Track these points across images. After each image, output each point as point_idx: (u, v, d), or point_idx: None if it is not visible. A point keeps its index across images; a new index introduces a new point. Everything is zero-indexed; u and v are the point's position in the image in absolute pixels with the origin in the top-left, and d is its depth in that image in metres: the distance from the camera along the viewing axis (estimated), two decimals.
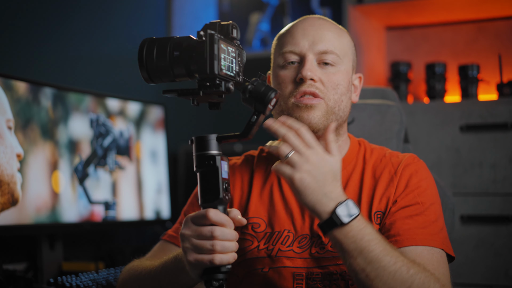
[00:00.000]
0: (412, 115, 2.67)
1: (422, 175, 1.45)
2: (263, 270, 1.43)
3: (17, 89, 2.02)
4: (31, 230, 2.05)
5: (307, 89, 1.41)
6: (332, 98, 1.43)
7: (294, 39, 1.46)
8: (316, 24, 1.47)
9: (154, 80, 1.22)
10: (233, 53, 1.19)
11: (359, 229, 1.22)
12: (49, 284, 1.98)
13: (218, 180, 1.18)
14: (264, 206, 1.48)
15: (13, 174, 1.95)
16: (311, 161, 1.20)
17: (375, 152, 1.52)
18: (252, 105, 1.23)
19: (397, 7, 2.88)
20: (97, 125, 2.31)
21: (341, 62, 1.45)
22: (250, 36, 3.22)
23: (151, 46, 1.20)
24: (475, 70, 2.80)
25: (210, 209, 1.18)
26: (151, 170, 2.56)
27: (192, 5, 3.31)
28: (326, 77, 1.43)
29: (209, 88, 1.16)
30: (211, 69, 1.13)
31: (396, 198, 1.41)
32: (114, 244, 2.75)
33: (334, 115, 1.43)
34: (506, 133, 2.55)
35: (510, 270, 2.52)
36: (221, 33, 1.18)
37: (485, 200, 2.57)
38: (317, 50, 1.44)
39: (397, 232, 1.36)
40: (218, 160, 1.19)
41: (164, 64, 1.18)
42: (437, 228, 1.39)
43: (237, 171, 1.55)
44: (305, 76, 1.41)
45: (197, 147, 1.21)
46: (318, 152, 1.22)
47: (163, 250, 1.51)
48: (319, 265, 1.41)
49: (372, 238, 1.23)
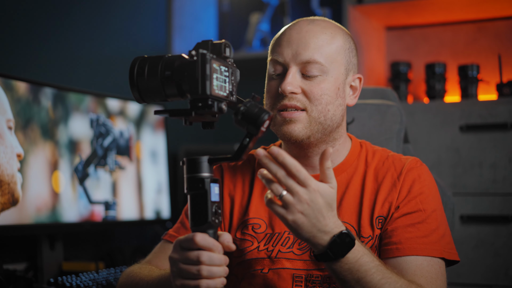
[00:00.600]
0: (412, 115, 2.68)
1: (425, 180, 1.44)
2: (262, 271, 1.43)
3: (18, 89, 2.02)
4: (31, 230, 2.05)
5: (288, 103, 1.39)
6: (315, 109, 1.40)
7: (280, 47, 1.43)
8: (303, 31, 1.43)
9: (145, 99, 1.19)
10: (226, 72, 1.17)
11: (355, 260, 1.20)
12: (49, 284, 1.98)
13: (207, 204, 1.15)
14: (265, 207, 1.47)
15: (14, 174, 1.96)
16: (304, 201, 1.14)
17: (377, 154, 1.50)
18: (245, 127, 1.19)
19: (397, 7, 2.88)
20: (97, 125, 2.31)
21: (327, 70, 1.41)
22: (250, 36, 3.22)
23: (142, 65, 1.17)
24: (475, 70, 2.80)
25: (198, 234, 1.14)
26: (151, 170, 2.56)
27: (192, 5, 3.31)
28: (309, 87, 1.40)
29: (201, 108, 1.13)
30: (203, 89, 1.11)
31: (398, 204, 1.41)
32: (114, 244, 2.75)
33: (320, 125, 1.41)
34: (506, 133, 2.55)
35: (510, 270, 2.52)
36: (213, 52, 1.15)
37: (485, 200, 2.57)
38: (300, 60, 1.40)
39: (399, 240, 1.36)
40: (208, 183, 1.16)
41: (155, 83, 1.15)
42: (438, 235, 1.39)
43: (238, 171, 1.54)
44: (284, 90, 1.39)
45: (188, 169, 1.17)
46: (312, 189, 1.15)
47: (164, 251, 1.50)
48: (319, 267, 1.41)
49: (369, 268, 1.21)
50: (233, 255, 1.47)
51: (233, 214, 1.50)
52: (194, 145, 3.10)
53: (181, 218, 1.54)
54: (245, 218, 1.48)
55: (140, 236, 2.92)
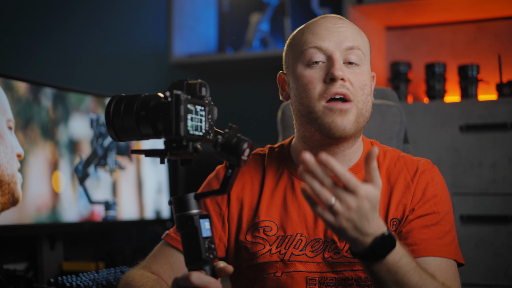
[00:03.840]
0: (412, 115, 2.68)
1: (438, 183, 1.44)
2: (275, 275, 1.41)
3: (18, 89, 2.02)
4: (31, 230, 2.05)
5: (339, 90, 1.36)
6: (360, 99, 1.38)
7: (318, 35, 1.40)
8: (338, 23, 1.42)
9: (121, 138, 1.17)
10: (202, 111, 1.15)
11: (395, 262, 1.18)
12: (49, 284, 1.98)
13: (199, 241, 1.14)
14: (276, 208, 1.45)
15: (14, 174, 1.96)
16: (352, 208, 1.11)
17: (388, 154, 1.49)
18: (225, 158, 1.17)
19: (397, 7, 2.89)
20: (97, 125, 2.31)
21: (365, 60, 1.41)
22: (250, 36, 3.22)
23: (118, 103, 1.16)
24: (475, 70, 2.80)
25: (193, 273, 1.12)
26: (151, 170, 2.56)
27: (192, 5, 3.31)
28: (354, 77, 1.38)
29: (175, 149, 1.12)
30: (177, 130, 1.10)
31: (413, 207, 1.40)
32: (114, 244, 2.75)
33: (363, 117, 1.39)
34: (505, 133, 2.56)
35: (510, 270, 2.52)
36: (189, 92, 1.14)
37: (485, 200, 2.58)
38: (344, 46, 1.39)
39: (414, 242, 1.36)
40: (197, 220, 1.15)
41: (131, 123, 1.14)
42: (451, 237, 1.39)
43: (246, 173, 1.51)
44: (337, 75, 1.35)
45: (175, 208, 1.17)
46: (361, 196, 1.11)
47: (164, 255, 1.48)
48: (333, 270, 1.39)
49: (407, 270, 1.19)
50: (244, 258, 1.45)
51: (242, 217, 1.48)
52: None
53: None
54: (256, 221, 1.45)
55: (140, 236, 2.92)
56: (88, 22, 2.83)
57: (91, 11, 2.87)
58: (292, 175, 1.47)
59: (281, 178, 1.48)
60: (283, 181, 1.48)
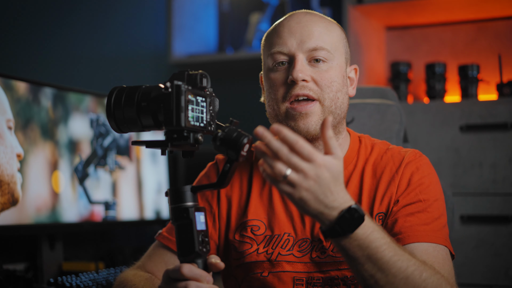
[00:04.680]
0: (412, 115, 2.68)
1: (425, 171, 1.42)
2: (262, 275, 1.41)
3: (17, 89, 2.02)
4: (31, 230, 2.05)
5: (300, 92, 1.37)
6: (327, 97, 1.38)
7: (282, 38, 1.40)
8: (303, 21, 1.41)
9: (122, 129, 1.18)
10: (203, 102, 1.15)
11: (365, 236, 1.14)
12: (49, 284, 1.98)
13: (193, 234, 1.14)
14: (264, 207, 1.45)
15: (13, 174, 1.96)
16: (310, 177, 1.08)
17: (376, 148, 1.48)
18: (225, 152, 1.17)
19: (397, 7, 2.88)
20: (97, 125, 2.31)
21: (333, 57, 1.40)
22: (250, 36, 3.22)
23: (119, 95, 1.17)
24: (475, 70, 2.80)
25: (185, 265, 1.12)
26: (151, 170, 2.56)
27: (192, 5, 3.31)
28: (319, 75, 1.38)
29: (176, 140, 1.12)
30: (177, 121, 1.10)
31: (398, 198, 1.38)
32: (114, 244, 2.75)
33: (332, 114, 1.38)
34: (506, 133, 2.55)
35: (510, 270, 2.52)
36: (189, 83, 1.14)
37: (485, 200, 2.57)
38: (306, 48, 1.39)
39: (399, 230, 1.33)
40: (192, 212, 1.15)
41: (132, 114, 1.15)
42: (440, 225, 1.36)
43: (236, 172, 1.51)
44: (296, 77, 1.36)
45: (171, 199, 1.17)
46: (318, 164, 1.08)
47: (157, 254, 1.48)
48: (320, 269, 1.39)
49: (380, 244, 1.16)
50: (232, 257, 1.45)
51: (230, 215, 1.48)
52: None
53: None
54: (244, 220, 1.46)
55: (140, 236, 2.92)
56: (88, 22, 2.83)
57: (91, 11, 2.87)
58: None
59: None
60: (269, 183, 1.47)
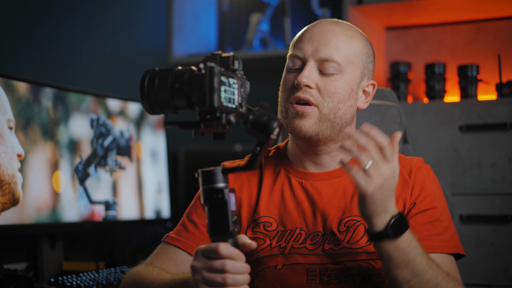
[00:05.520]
0: (412, 115, 2.68)
1: (434, 180, 1.51)
2: (276, 268, 1.44)
3: (18, 89, 2.03)
4: (31, 230, 2.06)
5: (301, 95, 1.44)
6: (326, 106, 1.44)
7: (301, 43, 1.48)
8: (325, 29, 1.48)
9: (155, 111, 1.21)
10: (234, 84, 1.19)
11: (408, 243, 1.27)
12: (49, 283, 1.98)
13: (227, 214, 1.17)
14: (275, 205, 1.49)
15: (14, 174, 1.96)
16: (384, 176, 1.22)
17: None
18: (255, 135, 1.21)
19: (396, 8, 2.89)
20: (97, 125, 2.31)
21: (344, 70, 1.46)
22: (250, 36, 3.22)
23: (152, 77, 1.19)
24: (475, 70, 2.80)
25: (221, 244, 1.16)
26: (152, 170, 2.57)
27: (192, 5, 3.31)
28: (324, 84, 1.44)
29: (209, 120, 1.15)
30: (210, 102, 1.13)
31: (414, 201, 1.46)
32: (115, 244, 2.75)
33: (330, 123, 1.44)
34: (505, 133, 2.56)
35: (509, 269, 2.52)
36: (222, 65, 1.17)
37: (484, 200, 2.58)
38: (318, 57, 1.45)
39: (419, 238, 1.39)
40: (226, 194, 1.18)
41: (165, 95, 1.18)
42: (451, 232, 1.46)
43: (243, 173, 1.54)
44: (300, 82, 1.43)
45: (204, 180, 1.19)
46: (392, 167, 1.23)
47: (166, 252, 1.49)
48: (333, 261, 1.43)
49: (418, 252, 1.28)
50: (245, 254, 1.47)
51: (240, 215, 1.51)
52: (194, 145, 3.11)
53: (182, 221, 1.54)
54: (256, 217, 1.49)
55: (140, 236, 2.92)
56: (88, 22, 2.83)
57: (91, 11, 2.87)
58: (289, 173, 1.52)
59: (278, 177, 1.52)
60: (280, 180, 1.52)
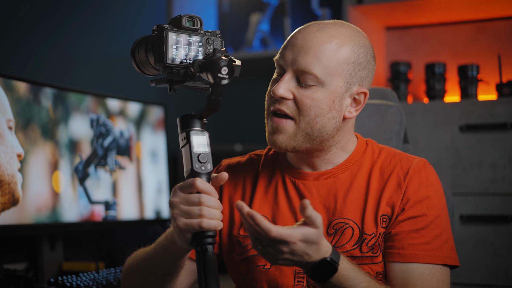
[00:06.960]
0: (412, 115, 2.68)
1: (432, 184, 1.43)
2: (264, 267, 1.44)
3: (18, 89, 2.03)
4: (31, 230, 2.05)
5: (277, 106, 1.39)
6: (303, 120, 1.38)
7: (285, 49, 1.42)
8: (308, 37, 1.40)
9: (143, 70, 1.32)
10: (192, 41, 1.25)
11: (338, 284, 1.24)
12: (49, 284, 1.98)
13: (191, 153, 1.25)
14: (268, 203, 1.49)
15: (14, 174, 1.96)
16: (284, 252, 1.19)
17: (384, 152, 1.49)
18: (205, 77, 1.24)
19: (396, 7, 2.89)
20: (97, 125, 2.31)
21: (323, 82, 1.38)
22: (250, 36, 3.22)
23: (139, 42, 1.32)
24: (475, 70, 2.80)
25: (197, 178, 1.23)
26: (151, 170, 2.57)
27: (192, 5, 3.31)
28: (301, 96, 1.38)
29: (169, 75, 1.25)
30: (160, 58, 1.23)
31: (403, 206, 1.40)
32: (114, 244, 2.75)
33: (307, 136, 1.39)
34: (505, 133, 2.56)
35: (509, 270, 2.52)
36: (176, 26, 1.25)
37: (485, 200, 2.58)
38: (296, 67, 1.39)
39: (402, 246, 1.38)
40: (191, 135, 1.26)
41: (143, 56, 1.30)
42: (441, 241, 1.39)
43: (240, 173, 1.55)
44: (274, 93, 1.38)
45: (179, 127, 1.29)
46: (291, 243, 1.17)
47: None
48: None
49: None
50: (236, 252, 1.48)
51: (233, 213, 1.51)
52: None
53: None
54: None
55: (140, 236, 2.92)
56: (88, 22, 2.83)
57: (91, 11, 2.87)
58: (284, 172, 1.51)
59: (274, 177, 1.51)
60: (276, 179, 1.51)
